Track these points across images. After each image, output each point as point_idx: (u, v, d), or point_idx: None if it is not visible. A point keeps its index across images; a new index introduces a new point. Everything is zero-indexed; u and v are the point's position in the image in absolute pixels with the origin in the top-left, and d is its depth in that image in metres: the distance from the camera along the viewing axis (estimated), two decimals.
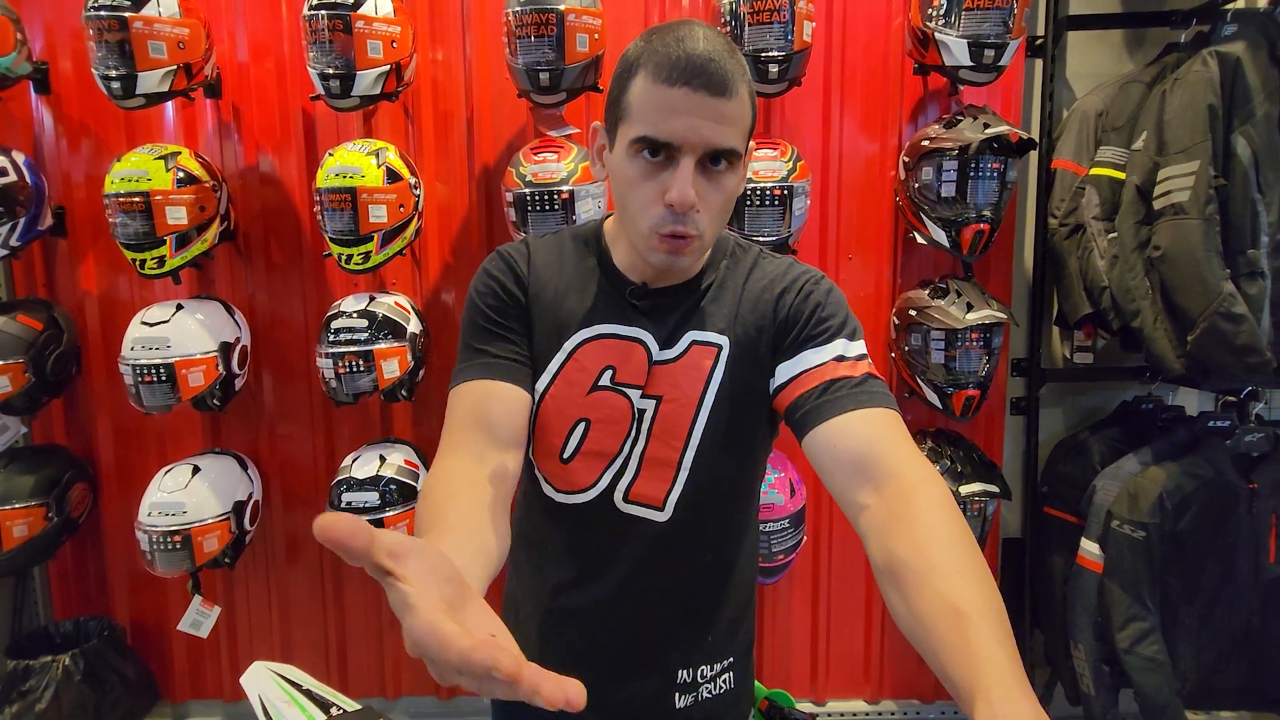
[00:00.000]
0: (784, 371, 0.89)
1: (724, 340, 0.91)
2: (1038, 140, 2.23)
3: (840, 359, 0.86)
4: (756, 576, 1.08)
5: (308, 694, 1.25)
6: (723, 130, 0.79)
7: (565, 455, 0.93)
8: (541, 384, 0.93)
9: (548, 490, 0.97)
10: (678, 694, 0.97)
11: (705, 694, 0.99)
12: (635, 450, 0.92)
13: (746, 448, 0.95)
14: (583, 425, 0.92)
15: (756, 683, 1.07)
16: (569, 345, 0.92)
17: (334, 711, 1.22)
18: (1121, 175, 1.97)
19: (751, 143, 0.89)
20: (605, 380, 0.91)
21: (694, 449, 0.91)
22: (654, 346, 0.91)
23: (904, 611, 0.67)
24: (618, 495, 0.93)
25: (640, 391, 0.91)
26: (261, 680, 1.28)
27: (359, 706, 1.25)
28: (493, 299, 0.94)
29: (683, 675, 0.97)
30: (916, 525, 0.70)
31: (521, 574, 1.05)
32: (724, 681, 1.01)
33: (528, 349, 0.93)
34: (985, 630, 0.61)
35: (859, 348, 0.88)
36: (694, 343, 0.91)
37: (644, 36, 0.83)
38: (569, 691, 0.46)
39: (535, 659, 0.79)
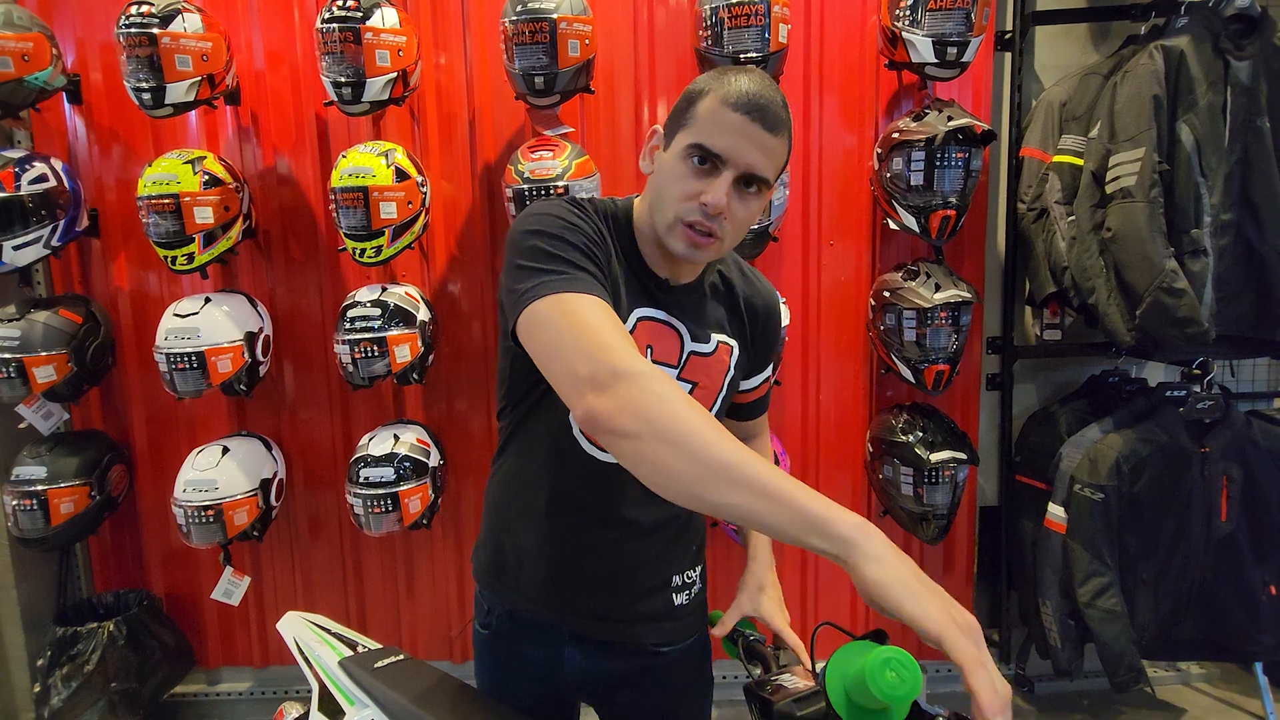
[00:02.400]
0: (752, 382, 1.20)
1: (735, 344, 1.13)
2: (1007, 130, 2.37)
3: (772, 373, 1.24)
4: None
5: (336, 636, 1.42)
6: (762, 160, 0.94)
7: None
8: None
9: (589, 449, 1.06)
10: (675, 594, 1.16)
11: (694, 592, 1.19)
12: None
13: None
14: None
15: (721, 613, 1.23)
16: (631, 319, 1.02)
17: (360, 649, 1.39)
18: (1080, 162, 2.10)
19: (776, 182, 1.02)
20: (647, 357, 1.04)
21: None
22: (687, 337, 1.07)
23: None
24: None
25: (676, 373, 1.06)
26: (295, 626, 1.46)
27: (380, 646, 1.42)
28: (591, 231, 0.98)
29: (677, 580, 1.16)
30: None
31: (532, 520, 1.12)
32: (699, 583, 1.21)
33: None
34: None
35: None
36: (721, 343, 1.10)
37: (719, 70, 0.99)
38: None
39: (540, 568, 1.10)
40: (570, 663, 1.15)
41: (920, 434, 2.17)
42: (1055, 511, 2.19)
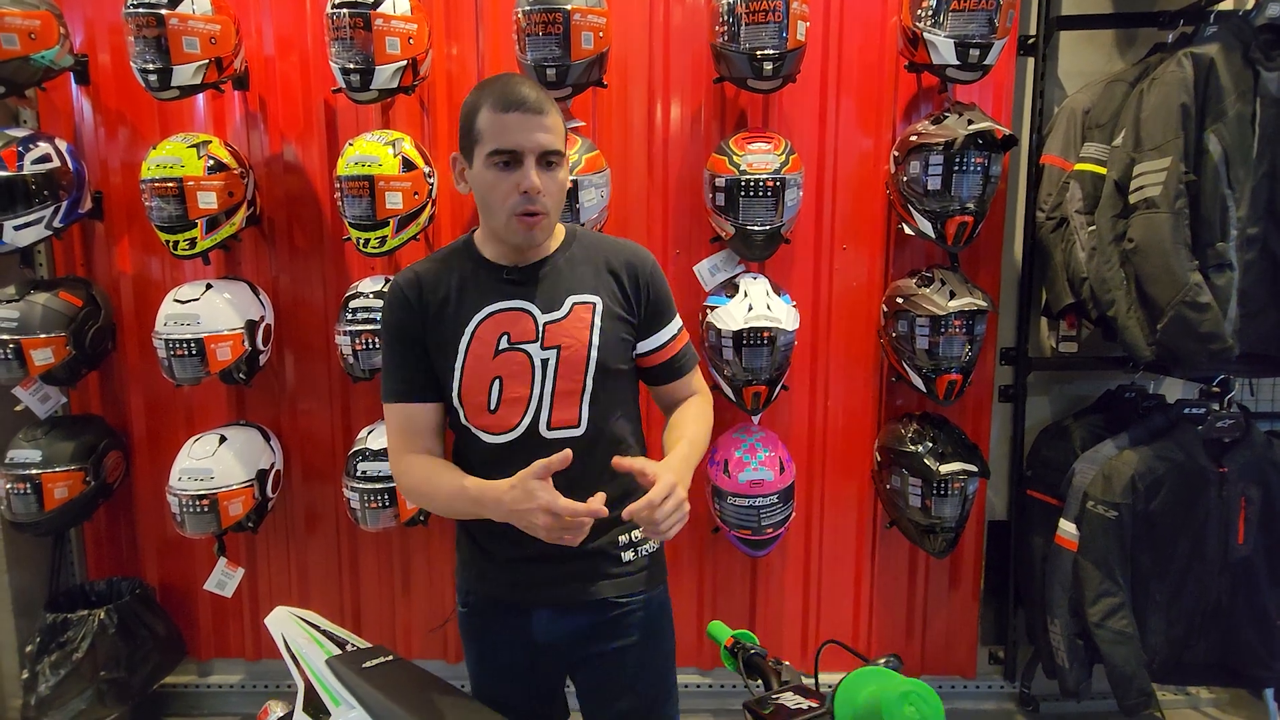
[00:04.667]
0: (649, 344, 1.31)
1: (597, 299, 1.25)
2: (1028, 136, 2.32)
3: (678, 333, 1.35)
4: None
5: (325, 633, 1.39)
6: (548, 138, 1.15)
7: (492, 406, 1.23)
8: (458, 363, 1.23)
9: (486, 439, 1.25)
10: (623, 551, 1.31)
11: (642, 551, 1.33)
12: (545, 389, 1.22)
13: (623, 375, 1.29)
14: (497, 382, 1.22)
15: (722, 624, 1.19)
16: (469, 328, 1.22)
17: (349, 648, 1.35)
18: (1103, 170, 2.05)
19: (568, 152, 1.26)
20: (504, 344, 1.22)
21: (591, 377, 1.23)
22: (538, 312, 1.23)
23: (664, 437, 1.31)
24: (541, 426, 1.23)
25: (538, 345, 1.22)
26: (284, 622, 1.43)
27: (370, 645, 1.38)
28: (396, 327, 1.26)
29: (623, 539, 1.30)
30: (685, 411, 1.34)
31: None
32: (652, 543, 1.34)
33: (425, 358, 1.25)
34: (683, 442, 1.23)
35: (679, 321, 1.36)
36: (576, 303, 1.24)
37: (477, 88, 1.20)
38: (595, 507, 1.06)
39: (506, 564, 1.29)
40: (539, 624, 1.30)
41: (930, 444, 2.12)
42: (1067, 528, 2.14)
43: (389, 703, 1.18)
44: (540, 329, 1.22)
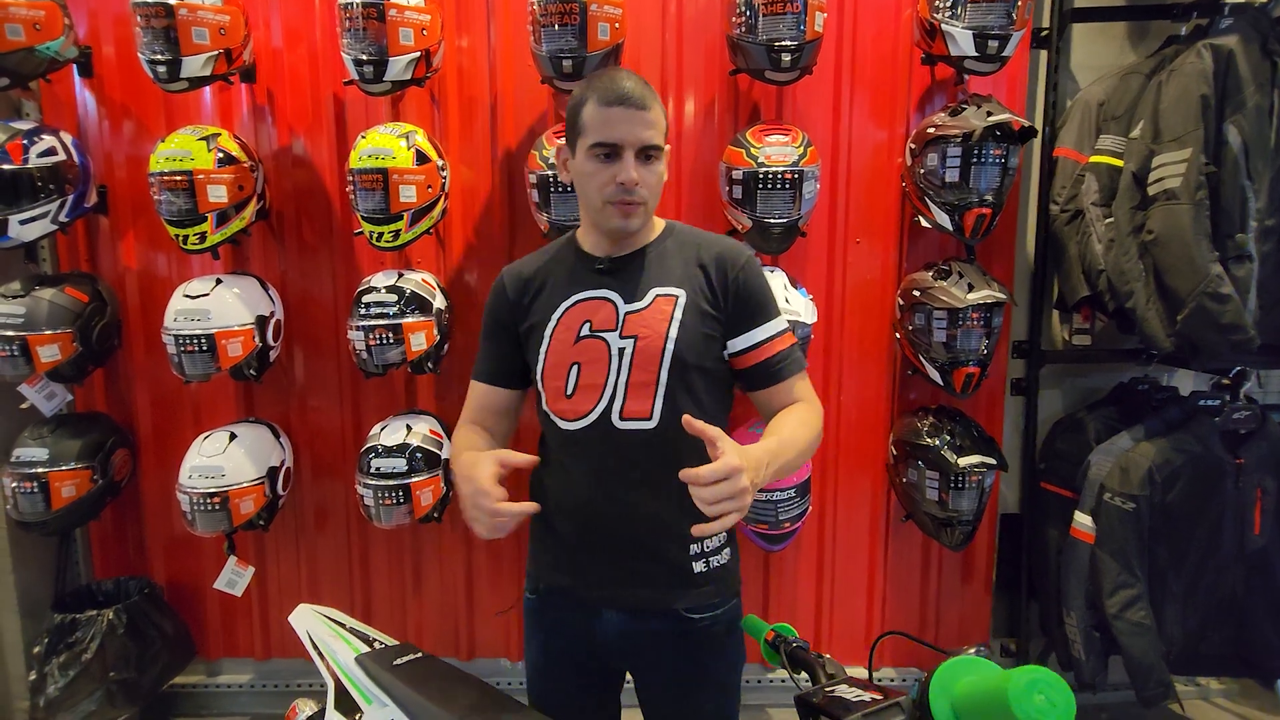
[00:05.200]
0: (740, 342, 1.26)
1: (681, 292, 1.24)
2: (1040, 129, 2.32)
3: (777, 335, 1.27)
4: None
5: (351, 630, 1.36)
6: (648, 132, 1.18)
7: (569, 392, 1.25)
8: (543, 348, 1.27)
9: (562, 425, 1.26)
10: (694, 561, 1.26)
11: (714, 562, 1.29)
12: (620, 379, 1.22)
13: (709, 373, 1.25)
14: (575, 367, 1.25)
15: (758, 619, 1.19)
16: (556, 314, 1.27)
17: (376, 644, 1.33)
18: (1120, 163, 2.05)
19: (667, 146, 1.27)
20: (585, 331, 1.24)
21: (667, 370, 1.21)
22: (620, 301, 1.25)
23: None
24: (614, 416, 1.22)
25: (617, 334, 1.23)
26: (308, 619, 1.40)
27: (397, 643, 1.36)
28: (493, 313, 1.36)
29: (694, 549, 1.26)
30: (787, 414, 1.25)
31: (550, 497, 1.30)
32: (726, 555, 1.31)
33: (512, 348, 1.34)
34: (773, 437, 1.16)
35: (783, 322, 1.29)
36: (658, 295, 1.24)
37: (585, 81, 1.24)
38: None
39: (577, 554, 1.25)
40: (608, 625, 1.28)
41: (947, 437, 2.12)
42: (1082, 520, 2.14)
43: (423, 699, 1.16)
44: (620, 318, 1.24)
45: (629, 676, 1.39)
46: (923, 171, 2.07)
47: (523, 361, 1.34)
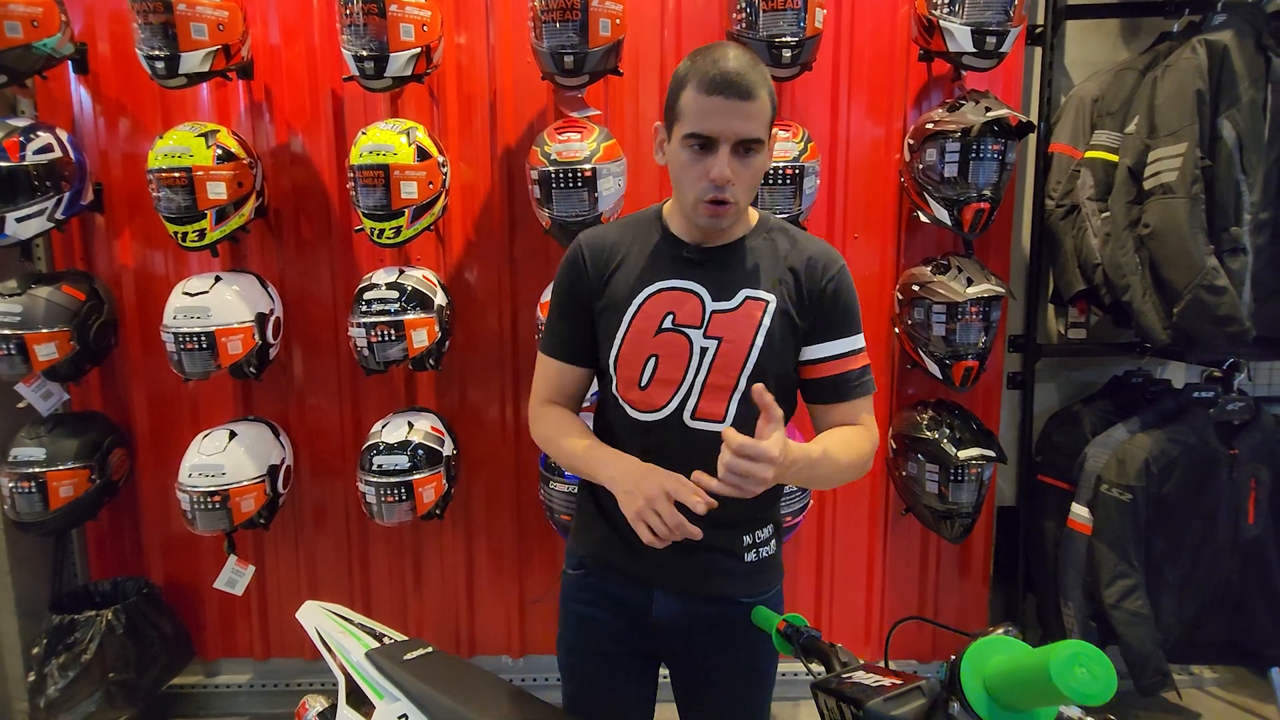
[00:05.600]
0: (816, 351, 1.21)
1: (771, 297, 1.18)
2: (1036, 125, 2.34)
3: (855, 352, 1.22)
4: None
5: (360, 626, 1.37)
6: (748, 125, 1.08)
7: (643, 383, 1.20)
8: (620, 332, 1.20)
9: (631, 413, 1.21)
10: (746, 551, 1.26)
11: (763, 552, 1.28)
12: (698, 379, 1.17)
13: (783, 379, 1.21)
14: (653, 360, 1.19)
15: (768, 610, 1.19)
16: (637, 300, 1.19)
17: (385, 640, 1.33)
18: (1115, 158, 2.07)
19: (775, 129, 1.17)
20: (668, 324, 1.18)
21: (747, 377, 1.17)
22: (707, 298, 1.18)
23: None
24: (686, 414, 1.18)
25: (701, 332, 1.17)
26: (316, 616, 1.40)
27: (406, 638, 1.37)
28: (567, 286, 1.26)
29: (747, 540, 1.26)
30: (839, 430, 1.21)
31: None
32: (772, 545, 1.30)
33: (588, 324, 1.25)
34: (817, 446, 1.10)
35: (862, 340, 1.23)
36: (748, 297, 1.18)
37: (690, 57, 1.13)
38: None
39: (632, 535, 1.11)
40: (659, 605, 1.25)
41: (947, 430, 2.14)
42: (1079, 512, 2.16)
43: (435, 694, 1.17)
44: (706, 315, 1.17)
45: (664, 673, 1.36)
46: (921, 167, 2.08)
47: (594, 338, 1.26)
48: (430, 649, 1.32)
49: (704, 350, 1.16)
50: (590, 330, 1.25)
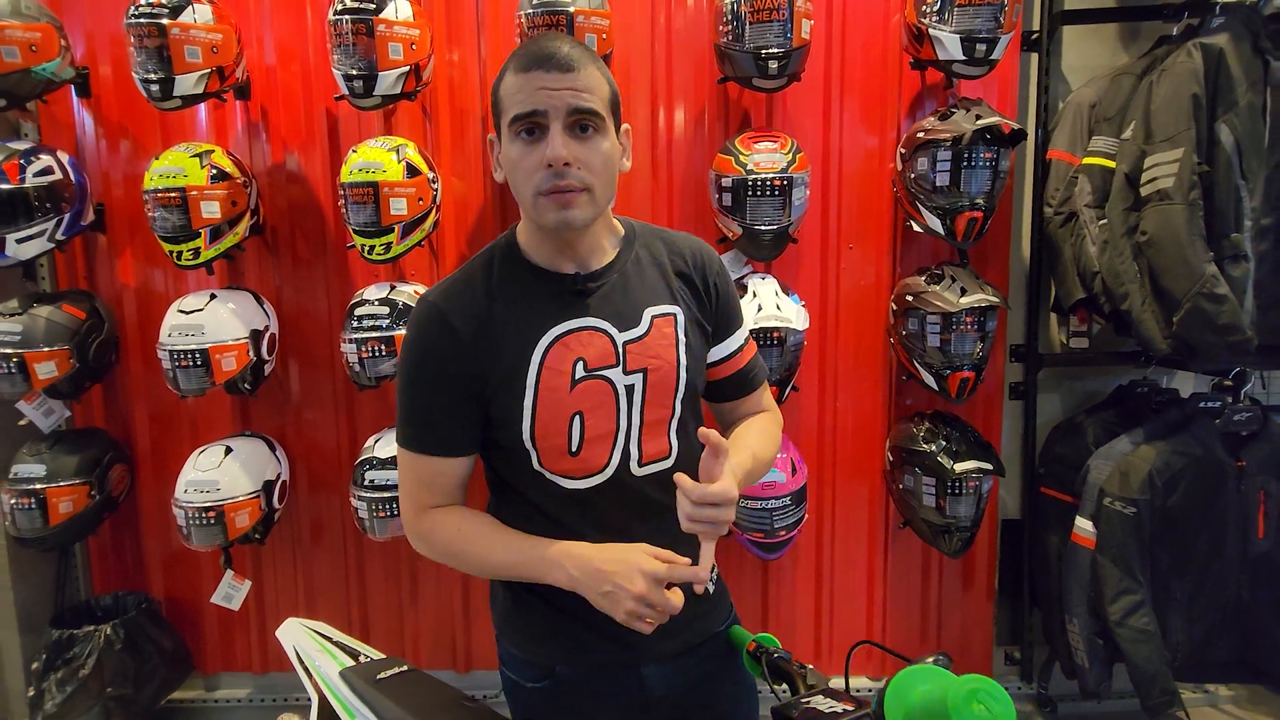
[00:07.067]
0: (720, 351, 1.16)
1: (676, 309, 1.09)
2: (1033, 132, 2.31)
3: (747, 340, 1.18)
4: None
5: (339, 645, 1.36)
6: (575, 97, 0.95)
7: (574, 449, 1.04)
8: (527, 401, 1.02)
9: (568, 485, 1.05)
10: (713, 574, 1.17)
11: (716, 578, 1.20)
12: (634, 423, 1.06)
13: (701, 386, 1.14)
14: (578, 419, 1.04)
15: (742, 628, 1.17)
16: (536, 356, 1.02)
17: (362, 659, 1.33)
18: (1112, 164, 2.03)
19: (626, 125, 1.07)
20: (580, 372, 1.03)
21: (680, 400, 1.09)
22: (613, 330, 1.05)
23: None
24: (632, 464, 1.07)
25: (621, 370, 1.04)
26: (295, 634, 1.40)
27: (383, 656, 1.36)
28: (424, 359, 1.05)
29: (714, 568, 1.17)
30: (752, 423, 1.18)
31: None
32: (716, 567, 1.19)
33: (464, 399, 1.05)
34: (745, 453, 1.07)
35: (747, 330, 1.20)
36: (654, 316, 1.07)
37: (509, 58, 1.01)
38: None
39: (604, 621, 1.00)
40: (652, 679, 1.12)
41: (944, 443, 2.10)
42: (1083, 526, 2.11)
43: (404, 714, 1.16)
44: (620, 350, 1.04)
45: None
46: (913, 176, 2.06)
47: (484, 418, 1.05)
48: (406, 667, 1.31)
49: (630, 389, 1.04)
50: (471, 409, 1.04)
